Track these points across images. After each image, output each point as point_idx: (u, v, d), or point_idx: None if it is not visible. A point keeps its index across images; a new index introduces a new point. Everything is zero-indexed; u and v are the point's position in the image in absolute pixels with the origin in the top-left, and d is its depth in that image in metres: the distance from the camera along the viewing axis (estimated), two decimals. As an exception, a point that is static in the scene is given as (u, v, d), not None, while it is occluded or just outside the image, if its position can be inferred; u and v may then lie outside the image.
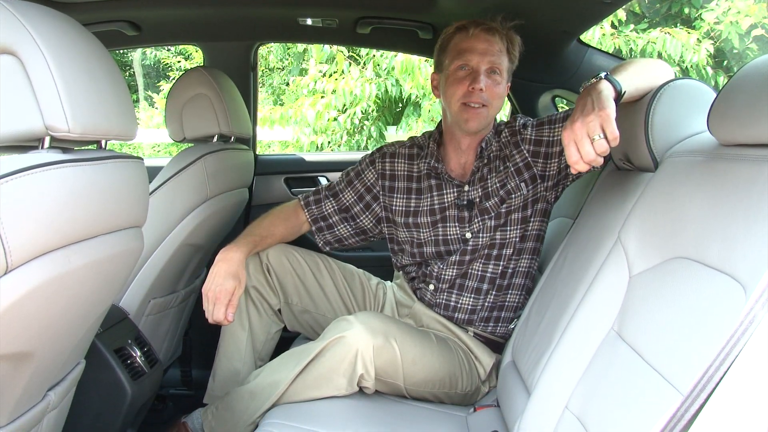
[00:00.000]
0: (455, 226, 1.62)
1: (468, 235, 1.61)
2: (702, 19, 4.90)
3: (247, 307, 1.68)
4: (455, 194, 1.63)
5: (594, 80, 1.19)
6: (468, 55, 1.52)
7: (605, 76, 1.18)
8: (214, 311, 1.50)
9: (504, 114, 2.44)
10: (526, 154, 1.58)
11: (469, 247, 1.61)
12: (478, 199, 1.60)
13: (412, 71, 5.04)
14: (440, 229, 1.63)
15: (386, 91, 5.34)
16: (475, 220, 1.60)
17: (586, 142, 1.08)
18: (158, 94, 7.23)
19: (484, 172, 1.61)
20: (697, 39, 4.77)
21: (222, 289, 1.50)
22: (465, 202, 1.61)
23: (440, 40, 1.61)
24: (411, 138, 1.75)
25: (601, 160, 1.09)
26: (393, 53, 5.07)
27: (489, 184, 1.60)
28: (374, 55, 5.41)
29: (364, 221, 1.74)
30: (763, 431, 0.52)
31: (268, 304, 1.70)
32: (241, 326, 1.68)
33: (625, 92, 1.18)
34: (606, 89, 1.14)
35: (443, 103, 1.60)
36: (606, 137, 1.07)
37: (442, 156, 1.65)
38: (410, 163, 1.70)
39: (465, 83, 1.52)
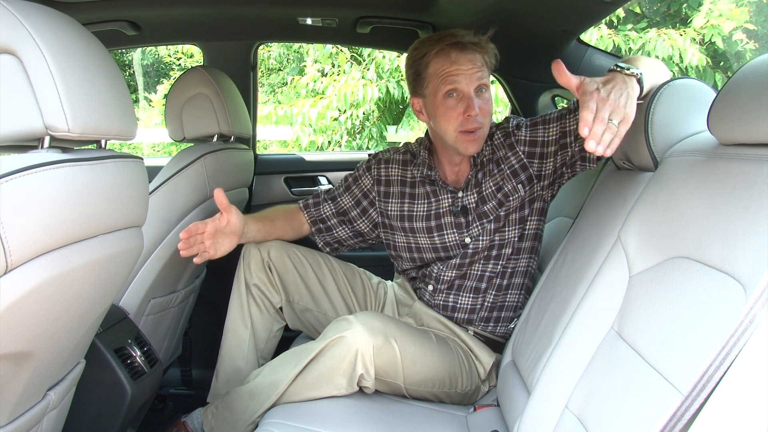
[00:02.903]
0: (453, 232, 1.62)
1: (467, 240, 1.61)
2: (691, 24, 4.93)
3: (249, 305, 1.68)
4: (450, 201, 1.63)
5: (629, 72, 1.15)
6: (455, 80, 1.48)
7: (639, 75, 1.15)
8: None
9: (503, 114, 2.44)
10: (522, 155, 1.57)
11: (469, 251, 1.61)
12: (473, 205, 1.60)
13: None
14: (437, 237, 1.63)
15: (388, 92, 5.34)
16: (474, 225, 1.60)
17: (606, 116, 1.05)
18: (155, 94, 7.22)
19: (478, 177, 1.61)
20: (692, 39, 4.78)
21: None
22: (459, 208, 1.61)
23: (413, 64, 1.55)
24: (405, 144, 1.76)
25: (601, 146, 1.05)
26: (396, 54, 5.06)
27: (484, 188, 1.60)
28: (375, 57, 5.41)
29: (360, 225, 1.75)
30: (763, 431, 0.52)
31: (269, 302, 1.70)
32: (243, 324, 1.68)
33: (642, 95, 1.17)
34: (636, 92, 1.13)
35: (435, 128, 1.56)
36: (617, 131, 1.06)
37: (435, 163, 1.65)
38: (404, 168, 1.71)
39: (458, 110, 1.48)
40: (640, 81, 1.15)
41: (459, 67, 1.48)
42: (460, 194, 1.61)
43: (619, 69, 1.16)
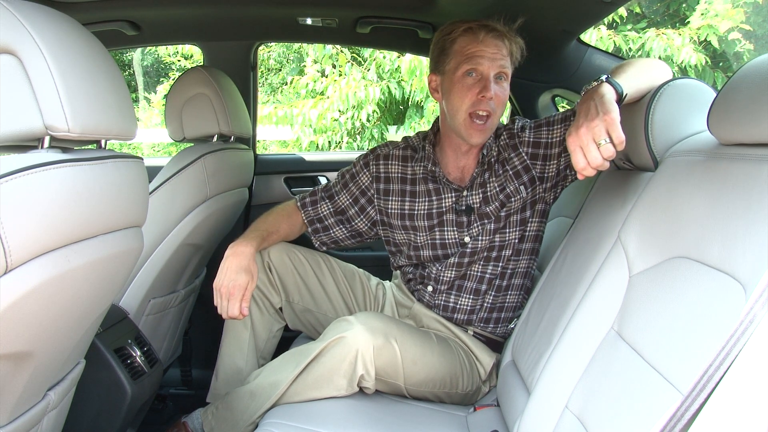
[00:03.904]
0: (453, 230, 1.61)
1: (467, 239, 1.60)
2: (689, 23, 4.95)
3: (249, 305, 1.67)
4: (453, 199, 1.61)
5: (595, 83, 1.19)
6: (477, 61, 1.47)
7: (606, 78, 1.18)
8: (229, 307, 1.48)
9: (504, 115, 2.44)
10: (525, 157, 1.57)
11: (467, 250, 1.61)
12: (477, 204, 1.59)
13: (420, 72, 4.97)
14: (437, 233, 1.62)
15: (389, 92, 5.33)
16: (475, 225, 1.59)
17: (593, 148, 1.08)
18: (155, 94, 7.23)
19: (485, 177, 1.59)
20: (690, 38, 4.79)
21: (235, 284, 1.48)
22: (464, 207, 1.60)
23: (440, 40, 1.55)
24: (405, 138, 1.72)
25: (608, 165, 1.09)
26: (397, 54, 5.06)
27: (489, 189, 1.58)
28: (376, 57, 5.40)
29: (359, 224, 1.73)
30: (763, 431, 0.52)
31: (269, 303, 1.70)
32: (243, 324, 1.67)
33: (626, 94, 1.18)
34: (608, 92, 1.15)
35: (446, 107, 1.55)
36: (612, 141, 1.08)
37: (438, 159, 1.63)
38: (404, 165, 1.68)
39: (474, 90, 1.48)
40: (608, 81, 1.17)
41: (484, 48, 1.48)
42: (465, 193, 1.60)
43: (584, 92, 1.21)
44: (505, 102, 1.53)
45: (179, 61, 6.91)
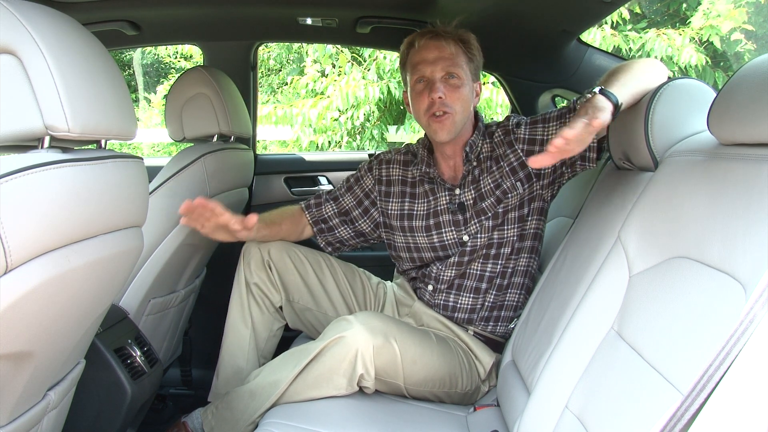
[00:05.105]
0: (451, 230, 1.63)
1: (465, 237, 1.61)
2: (690, 23, 4.95)
3: (249, 304, 1.68)
4: (447, 198, 1.63)
5: (589, 95, 1.18)
6: (421, 67, 1.54)
7: (600, 90, 1.17)
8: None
9: (503, 116, 2.44)
10: (521, 153, 1.58)
11: (467, 249, 1.62)
12: (471, 202, 1.61)
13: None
14: (435, 236, 1.64)
15: (389, 92, 5.33)
16: (472, 222, 1.61)
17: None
18: (155, 94, 7.22)
19: (475, 174, 1.61)
20: (691, 38, 4.79)
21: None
22: (456, 206, 1.62)
23: (399, 58, 1.64)
24: (406, 145, 1.78)
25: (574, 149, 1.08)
26: (396, 54, 5.05)
27: (482, 185, 1.60)
28: (376, 57, 5.40)
29: (362, 225, 1.76)
30: (763, 431, 0.52)
31: (269, 302, 1.70)
32: (243, 324, 1.68)
33: (622, 104, 1.17)
34: (600, 102, 1.15)
35: (414, 116, 1.63)
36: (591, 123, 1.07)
37: (434, 161, 1.67)
38: (405, 169, 1.72)
39: (425, 95, 1.54)
40: (602, 92, 1.17)
41: (425, 54, 1.55)
42: (457, 191, 1.62)
43: (579, 102, 1.21)
44: (462, 98, 1.55)
45: (179, 61, 6.91)
